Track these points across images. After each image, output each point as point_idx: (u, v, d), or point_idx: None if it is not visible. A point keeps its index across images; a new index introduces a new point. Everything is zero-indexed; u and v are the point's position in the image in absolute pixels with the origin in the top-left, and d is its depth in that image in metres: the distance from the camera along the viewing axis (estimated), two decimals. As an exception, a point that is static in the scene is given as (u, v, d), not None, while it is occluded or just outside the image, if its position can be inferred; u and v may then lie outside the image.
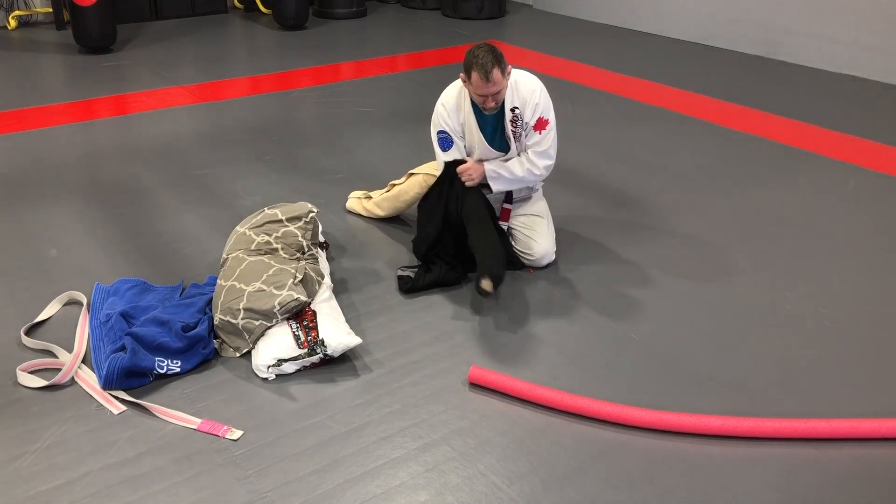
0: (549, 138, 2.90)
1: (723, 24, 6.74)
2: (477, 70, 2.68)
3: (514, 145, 2.92)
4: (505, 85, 2.75)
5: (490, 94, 2.72)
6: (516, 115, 2.85)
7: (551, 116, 2.89)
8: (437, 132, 2.95)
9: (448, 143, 2.94)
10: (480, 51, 2.70)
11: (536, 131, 2.88)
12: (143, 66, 5.83)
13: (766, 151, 4.41)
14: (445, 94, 2.94)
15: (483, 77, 2.67)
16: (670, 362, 2.52)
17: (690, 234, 3.39)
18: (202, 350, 2.44)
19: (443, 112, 2.91)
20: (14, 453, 2.07)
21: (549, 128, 2.89)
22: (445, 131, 2.92)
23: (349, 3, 7.74)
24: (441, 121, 2.92)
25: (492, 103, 2.76)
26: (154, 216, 3.45)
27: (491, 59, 2.66)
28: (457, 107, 2.90)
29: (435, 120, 2.95)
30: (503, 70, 2.70)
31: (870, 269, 3.15)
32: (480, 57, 2.68)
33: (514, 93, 2.84)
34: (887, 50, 5.74)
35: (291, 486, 1.98)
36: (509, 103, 2.84)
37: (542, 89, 2.87)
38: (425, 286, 2.87)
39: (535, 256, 3.00)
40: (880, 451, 2.17)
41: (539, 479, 2.03)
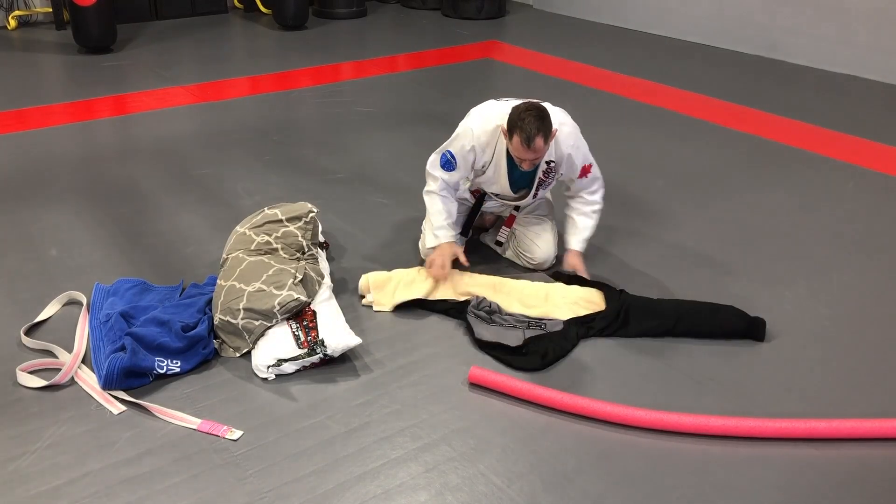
0: (593, 179, 2.91)
1: (723, 24, 6.74)
2: (519, 135, 2.54)
3: (534, 191, 2.89)
4: (546, 150, 2.63)
5: (529, 160, 2.62)
6: (551, 168, 2.81)
7: (591, 158, 2.87)
8: (449, 153, 2.80)
9: (451, 167, 2.82)
10: (529, 115, 2.53)
11: (583, 177, 2.88)
12: (143, 66, 5.83)
13: (766, 151, 4.41)
14: (479, 125, 2.75)
15: (524, 144, 2.54)
16: (670, 362, 2.52)
17: (690, 234, 3.39)
18: (202, 350, 2.43)
19: (467, 144, 2.75)
20: (14, 453, 2.06)
21: (592, 170, 2.88)
22: (457, 158, 2.79)
23: (349, 3, 7.74)
24: (462, 150, 2.76)
25: (528, 166, 2.66)
26: (154, 216, 3.45)
27: (536, 128, 2.52)
28: (488, 145, 2.76)
29: (455, 142, 2.79)
30: (547, 138, 2.56)
31: (870, 269, 3.15)
32: (527, 123, 2.52)
33: (553, 148, 2.74)
34: (887, 50, 5.74)
35: (291, 486, 1.98)
36: (546, 157, 2.75)
37: (578, 139, 2.79)
38: None
39: (536, 260, 2.99)
40: (880, 451, 2.16)
41: (539, 479, 2.03)
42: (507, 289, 2.82)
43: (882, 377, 2.48)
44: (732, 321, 2.64)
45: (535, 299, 2.77)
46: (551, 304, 2.74)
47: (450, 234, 2.86)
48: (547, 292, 2.80)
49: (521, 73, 5.94)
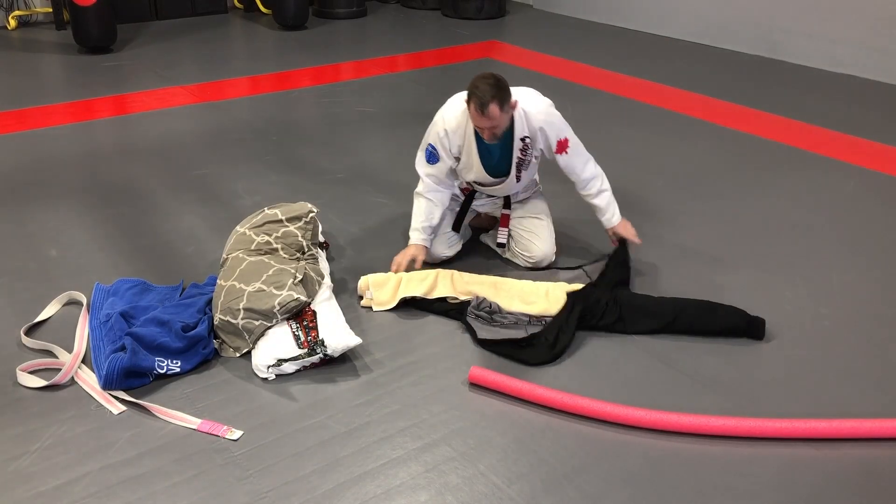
0: (576, 153, 2.88)
1: (723, 24, 6.74)
2: (474, 102, 2.59)
3: (515, 172, 2.88)
4: (504, 120, 2.65)
5: (486, 128, 2.65)
6: (527, 145, 2.81)
7: (569, 133, 2.85)
8: (429, 144, 2.88)
9: (435, 159, 2.88)
10: (483, 82, 2.59)
11: (561, 153, 2.85)
12: (143, 66, 5.83)
13: (766, 151, 4.41)
14: (449, 111, 2.83)
15: (478, 110, 2.59)
16: (670, 362, 2.52)
17: (690, 234, 3.39)
18: (202, 350, 2.44)
19: (440, 131, 2.82)
20: (14, 453, 2.06)
21: (571, 144, 2.85)
22: (436, 148, 2.85)
23: (349, 3, 7.75)
24: (437, 138, 2.84)
25: (489, 135, 2.68)
26: (154, 216, 3.45)
27: (490, 94, 2.55)
28: (458, 127, 2.81)
29: (431, 132, 2.87)
30: (503, 104, 2.59)
31: (870, 269, 3.15)
32: (480, 89, 2.57)
33: (524, 122, 2.77)
34: (887, 50, 5.74)
35: (291, 486, 1.98)
36: (519, 132, 2.78)
37: (551, 113, 2.80)
38: None
39: (534, 259, 2.99)
40: (880, 451, 2.16)
41: (539, 479, 2.03)
42: (508, 287, 2.83)
43: (882, 377, 2.48)
44: (732, 319, 2.64)
45: (536, 296, 2.78)
46: (552, 300, 2.75)
47: (421, 237, 2.92)
48: (547, 289, 2.80)
49: (521, 73, 5.94)
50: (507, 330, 2.61)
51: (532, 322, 2.66)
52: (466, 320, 2.66)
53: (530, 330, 2.61)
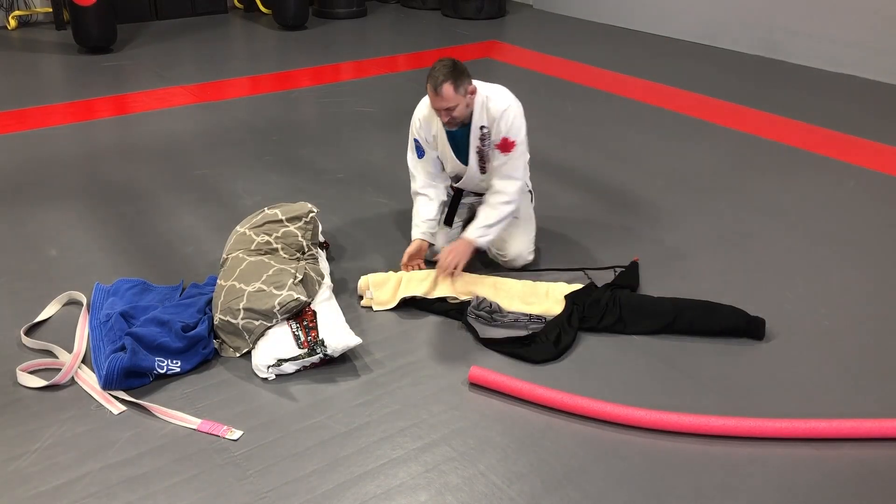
0: (512, 161, 2.81)
1: (723, 24, 6.74)
2: (429, 82, 2.65)
3: (475, 162, 2.88)
4: (461, 102, 2.67)
5: (442, 109, 2.68)
6: (484, 134, 2.81)
7: (519, 138, 2.80)
8: (413, 139, 2.96)
9: (422, 152, 2.95)
10: (439, 64, 2.66)
11: (502, 152, 2.81)
12: (143, 66, 5.83)
13: (766, 151, 4.41)
14: (421, 103, 2.92)
15: (433, 90, 2.64)
16: (670, 362, 2.52)
17: (690, 234, 3.39)
18: (202, 350, 2.44)
19: (416, 122, 2.91)
20: (14, 453, 2.07)
21: (515, 150, 2.79)
22: (418, 140, 2.93)
23: (349, 3, 7.75)
24: (415, 129, 2.92)
25: (446, 118, 2.71)
26: (154, 216, 3.45)
27: (444, 74, 2.62)
28: (429, 118, 2.88)
29: (412, 128, 2.95)
30: (457, 86, 2.63)
31: (870, 268, 3.15)
32: (436, 70, 2.65)
33: (484, 112, 2.78)
34: (887, 50, 5.74)
35: (291, 486, 1.98)
36: (478, 121, 2.79)
37: (512, 109, 2.77)
38: None
39: (507, 257, 2.99)
40: (880, 451, 2.16)
41: (539, 479, 2.03)
42: (508, 287, 2.83)
43: (882, 377, 2.48)
44: (731, 319, 2.64)
45: (536, 297, 2.78)
46: (552, 300, 2.75)
47: (420, 231, 2.96)
48: (547, 290, 2.81)
49: (521, 73, 5.94)
50: (508, 329, 2.62)
51: (532, 321, 2.66)
52: (467, 320, 2.66)
53: (531, 328, 2.62)
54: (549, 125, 4.70)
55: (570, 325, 2.60)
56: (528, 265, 3.02)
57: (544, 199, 3.58)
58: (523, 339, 2.55)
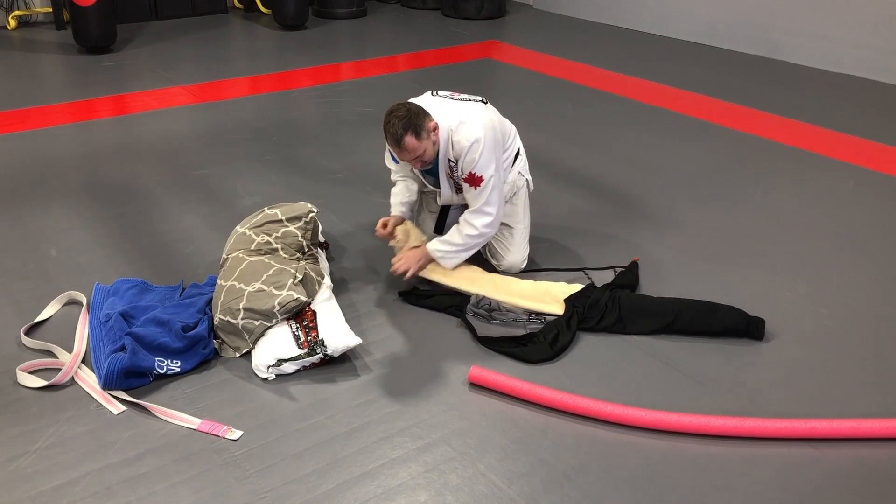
0: (483, 195, 2.68)
1: (723, 24, 6.74)
2: (388, 138, 2.57)
3: (448, 186, 2.81)
4: (427, 146, 2.59)
5: (409, 160, 2.62)
6: (452, 167, 2.74)
7: (487, 173, 2.64)
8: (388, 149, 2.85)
9: (396, 161, 2.89)
10: (393, 117, 2.54)
11: (470, 186, 2.69)
12: (143, 66, 5.83)
13: (766, 151, 4.41)
14: None
15: (395, 145, 2.56)
16: (670, 362, 2.52)
17: (690, 234, 3.39)
18: (202, 350, 2.44)
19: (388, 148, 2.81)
20: (14, 453, 2.07)
21: (483, 185, 2.66)
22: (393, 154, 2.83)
23: (349, 3, 7.74)
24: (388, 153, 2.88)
25: (418, 165, 2.66)
26: (154, 216, 3.45)
27: (402, 126, 2.51)
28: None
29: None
30: (419, 134, 2.54)
31: (870, 268, 3.15)
32: (392, 125, 2.53)
33: (450, 145, 2.66)
34: (887, 50, 5.74)
35: (291, 486, 1.98)
36: (444, 155, 2.70)
37: (480, 143, 2.60)
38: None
39: (503, 266, 2.98)
40: (880, 451, 2.16)
41: (539, 479, 2.03)
42: (507, 285, 2.83)
43: (882, 377, 2.48)
44: (731, 319, 2.64)
45: (535, 293, 2.78)
46: (550, 298, 2.76)
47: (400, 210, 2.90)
48: (546, 289, 2.81)
49: (521, 73, 5.94)
50: (507, 328, 2.62)
51: (531, 320, 2.67)
52: (466, 318, 2.66)
53: (529, 328, 2.62)
54: (549, 125, 4.70)
55: (568, 327, 2.60)
56: (528, 265, 3.02)
57: (544, 199, 3.58)
58: (520, 338, 2.56)
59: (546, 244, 3.22)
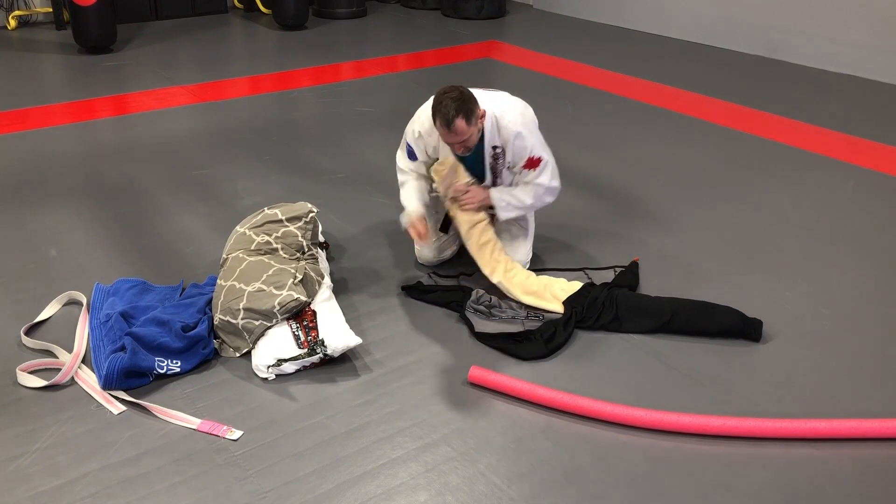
0: (547, 173, 2.76)
1: (723, 24, 6.74)
2: (440, 120, 2.53)
3: (490, 178, 2.83)
4: (474, 132, 2.58)
5: (455, 143, 2.61)
6: (497, 154, 2.74)
7: (545, 153, 2.74)
8: (407, 143, 2.86)
9: (414, 157, 2.87)
10: (447, 98, 2.52)
11: (531, 169, 2.74)
12: (143, 66, 5.83)
13: (766, 151, 4.41)
14: (424, 112, 2.76)
15: (445, 127, 2.53)
16: (670, 362, 2.52)
17: (689, 234, 3.39)
18: (202, 350, 2.44)
19: (415, 132, 2.79)
20: (14, 453, 2.07)
21: (543, 164, 2.74)
22: (413, 148, 2.84)
23: (349, 3, 7.74)
24: (413, 139, 2.82)
25: (460, 150, 2.65)
26: (154, 216, 3.45)
27: (454, 109, 2.49)
28: (430, 132, 2.75)
29: (408, 131, 2.84)
30: (469, 119, 2.53)
31: (870, 268, 3.15)
32: (445, 105, 2.51)
33: (496, 132, 2.69)
34: (887, 50, 5.74)
35: (291, 486, 1.98)
36: (490, 141, 2.71)
37: (526, 129, 2.69)
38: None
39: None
40: (880, 451, 2.16)
41: (539, 479, 2.03)
42: (512, 274, 2.83)
43: (882, 377, 2.48)
44: (728, 320, 2.64)
45: (537, 286, 2.81)
46: (550, 294, 2.77)
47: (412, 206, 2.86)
48: (546, 283, 2.83)
49: (520, 73, 5.94)
50: (504, 324, 2.64)
51: (529, 317, 2.68)
52: (465, 314, 2.67)
53: (527, 325, 2.63)
54: (549, 125, 4.67)
55: (565, 328, 2.61)
56: (530, 265, 3.02)
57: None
58: (516, 335, 2.57)
59: (546, 244, 3.22)
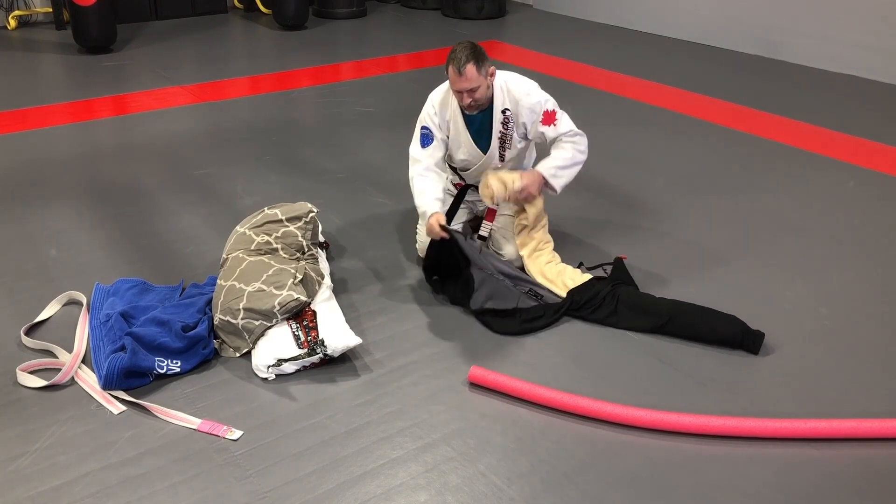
0: (565, 122, 2.85)
1: (723, 24, 6.74)
2: (451, 64, 2.68)
3: (496, 147, 2.89)
4: (483, 84, 2.71)
5: (464, 90, 2.70)
6: (507, 118, 2.83)
7: (556, 106, 2.85)
8: (422, 127, 2.94)
9: (429, 140, 2.93)
10: (459, 46, 2.70)
11: (549, 125, 2.83)
12: (143, 66, 5.83)
13: (766, 151, 4.41)
14: (436, 90, 2.93)
15: (456, 71, 2.66)
16: (670, 362, 2.52)
17: (690, 234, 3.39)
18: (202, 350, 2.44)
19: (430, 108, 2.90)
20: (14, 453, 2.07)
21: (558, 117, 2.84)
22: (429, 128, 2.91)
23: (349, 3, 7.75)
24: (427, 116, 2.91)
25: (468, 100, 2.73)
26: (154, 216, 3.45)
27: (466, 55, 2.65)
28: (444, 103, 2.89)
29: (422, 115, 2.94)
30: (479, 67, 2.67)
31: (870, 268, 3.15)
32: (457, 52, 2.67)
33: (505, 95, 2.82)
34: (887, 50, 5.74)
35: (291, 486, 1.98)
36: (500, 105, 2.82)
37: (535, 87, 2.84)
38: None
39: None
40: (880, 451, 2.16)
41: (539, 479, 2.03)
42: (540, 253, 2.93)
43: (882, 377, 2.48)
44: (728, 330, 2.59)
45: (553, 273, 2.88)
46: (560, 280, 2.83)
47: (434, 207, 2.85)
48: (560, 271, 2.89)
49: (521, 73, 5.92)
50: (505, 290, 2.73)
51: (529, 292, 2.77)
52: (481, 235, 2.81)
53: (521, 303, 2.70)
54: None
55: (554, 314, 2.68)
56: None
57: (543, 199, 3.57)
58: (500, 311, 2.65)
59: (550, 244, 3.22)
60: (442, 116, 2.90)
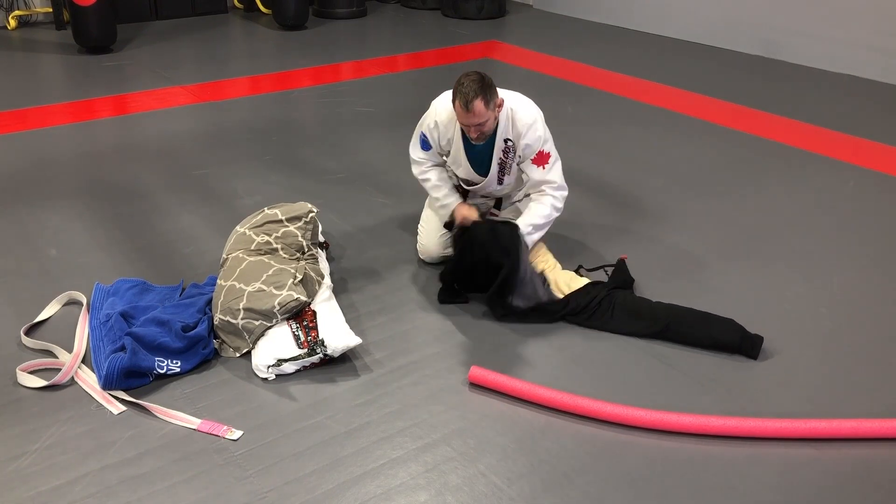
0: (556, 170, 2.83)
1: (723, 24, 6.74)
2: (458, 99, 2.58)
3: (497, 173, 2.86)
4: (490, 117, 2.64)
5: (472, 125, 2.64)
6: (509, 147, 2.79)
7: (553, 151, 2.82)
8: (421, 133, 2.91)
9: (427, 147, 2.92)
10: (467, 79, 2.58)
11: (538, 166, 2.80)
12: (143, 66, 5.83)
13: (766, 151, 4.41)
14: (442, 103, 2.83)
15: (463, 107, 2.57)
16: (670, 362, 2.52)
17: (690, 234, 3.39)
18: (202, 350, 2.44)
19: (431, 122, 2.84)
20: (14, 453, 2.07)
21: (552, 160, 2.81)
22: (427, 138, 2.88)
23: (349, 3, 7.75)
24: (428, 129, 2.86)
25: (475, 134, 2.67)
26: (154, 216, 3.45)
27: (474, 90, 2.55)
28: (449, 122, 2.81)
29: (423, 122, 2.89)
30: (488, 102, 2.58)
31: (870, 268, 3.15)
32: (465, 86, 2.57)
33: (510, 125, 2.75)
34: (887, 50, 5.74)
35: (291, 486, 1.98)
36: (503, 134, 2.76)
37: (540, 122, 2.78)
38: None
39: None
40: (880, 451, 2.16)
41: (539, 479, 2.03)
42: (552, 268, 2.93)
43: (882, 377, 2.48)
44: (726, 336, 2.57)
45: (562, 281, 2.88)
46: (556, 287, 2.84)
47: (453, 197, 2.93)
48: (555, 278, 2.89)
49: (521, 73, 5.94)
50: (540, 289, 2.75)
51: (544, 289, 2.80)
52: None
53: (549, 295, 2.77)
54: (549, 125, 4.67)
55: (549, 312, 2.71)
56: None
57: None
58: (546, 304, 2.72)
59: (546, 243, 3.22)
60: (443, 134, 2.84)
